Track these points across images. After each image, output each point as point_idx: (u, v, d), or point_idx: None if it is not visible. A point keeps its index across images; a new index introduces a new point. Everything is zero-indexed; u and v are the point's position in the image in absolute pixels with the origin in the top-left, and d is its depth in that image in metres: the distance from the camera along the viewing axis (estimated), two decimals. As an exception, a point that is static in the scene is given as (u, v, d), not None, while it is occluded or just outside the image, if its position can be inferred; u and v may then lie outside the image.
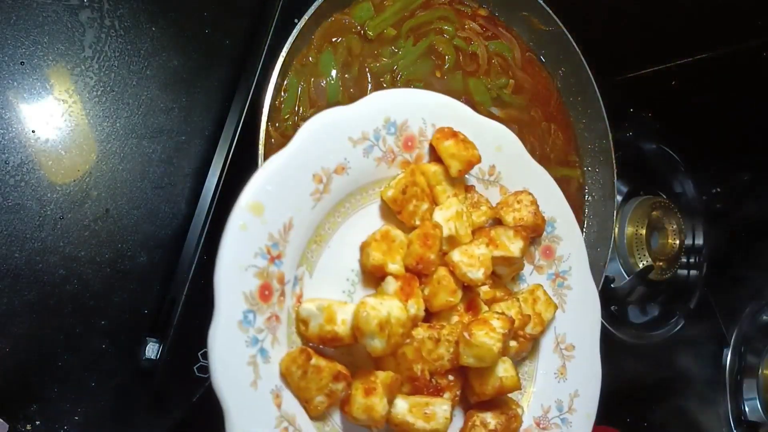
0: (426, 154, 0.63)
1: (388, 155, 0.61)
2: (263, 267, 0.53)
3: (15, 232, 0.72)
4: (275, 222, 0.54)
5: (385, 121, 0.60)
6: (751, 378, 1.37)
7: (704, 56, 1.21)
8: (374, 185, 0.62)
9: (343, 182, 0.58)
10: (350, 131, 0.58)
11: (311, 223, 0.57)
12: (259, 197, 0.53)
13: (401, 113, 0.61)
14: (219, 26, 0.88)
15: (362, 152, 0.59)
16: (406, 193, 0.61)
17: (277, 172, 0.55)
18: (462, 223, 0.62)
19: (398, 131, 0.61)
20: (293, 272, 0.56)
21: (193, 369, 0.80)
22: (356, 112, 0.58)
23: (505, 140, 0.68)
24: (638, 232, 1.22)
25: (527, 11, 0.95)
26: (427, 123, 0.62)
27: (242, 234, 0.52)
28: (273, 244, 0.54)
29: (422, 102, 0.63)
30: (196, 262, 0.78)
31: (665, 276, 1.25)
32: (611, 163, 0.97)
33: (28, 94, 0.75)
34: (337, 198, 0.58)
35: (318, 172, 0.57)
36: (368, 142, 0.59)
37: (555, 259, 0.71)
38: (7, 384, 0.71)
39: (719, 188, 1.43)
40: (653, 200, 1.25)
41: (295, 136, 0.56)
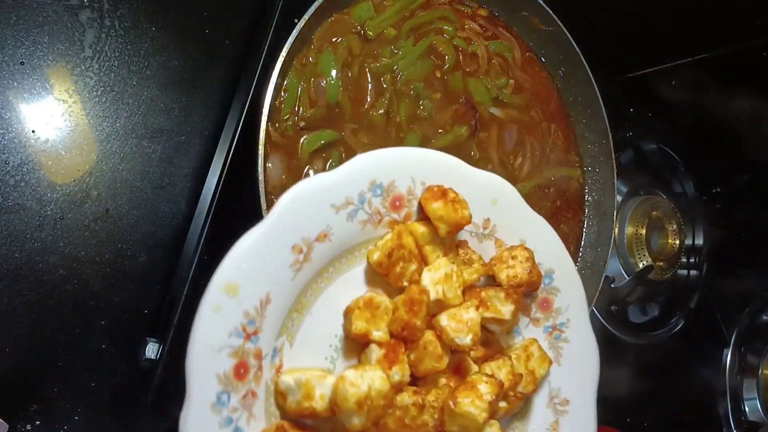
0: (415, 212, 0.60)
1: (374, 217, 0.59)
2: (238, 346, 0.52)
3: (15, 232, 0.72)
4: (251, 299, 0.52)
5: (371, 183, 0.58)
6: (751, 378, 1.37)
7: (704, 56, 1.21)
8: (360, 247, 0.60)
9: (326, 249, 0.56)
10: (333, 198, 0.56)
11: (291, 294, 0.55)
12: (234, 277, 0.52)
13: (388, 174, 0.59)
14: (219, 26, 0.88)
15: (346, 217, 0.57)
16: (392, 257, 0.59)
17: (252, 248, 0.53)
18: (451, 286, 0.60)
19: (385, 192, 0.59)
20: (272, 344, 0.55)
21: (193, 369, 0.80)
22: (338, 179, 0.56)
23: (500, 192, 0.65)
24: (638, 232, 1.22)
25: (527, 11, 0.95)
26: (416, 181, 0.60)
27: (215, 316, 0.51)
28: (249, 321, 0.52)
29: (410, 160, 0.60)
30: (196, 262, 0.78)
31: (665, 276, 1.25)
32: (611, 163, 0.97)
33: (28, 94, 0.75)
34: (319, 265, 0.57)
35: (298, 243, 0.55)
36: (352, 207, 0.57)
37: (552, 312, 0.68)
38: (7, 384, 0.71)
39: (719, 188, 1.43)
40: (653, 200, 1.25)
41: (272, 209, 0.54)
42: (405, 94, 0.83)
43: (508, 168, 0.92)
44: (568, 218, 0.97)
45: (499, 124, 0.92)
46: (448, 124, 0.86)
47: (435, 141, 0.84)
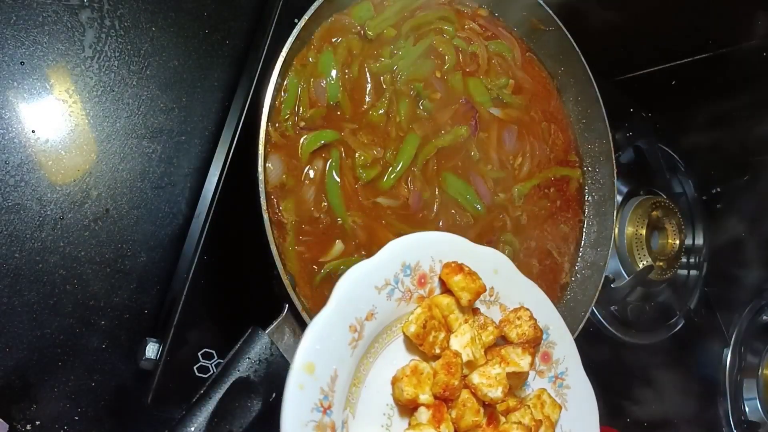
0: (437, 287, 0.71)
1: (407, 294, 0.68)
2: (319, 420, 0.59)
3: (15, 232, 0.72)
4: (324, 376, 0.60)
5: (402, 265, 0.68)
6: (751, 378, 1.37)
7: (704, 56, 1.21)
8: (396, 323, 0.69)
9: (373, 326, 0.65)
10: (375, 281, 0.66)
11: (350, 369, 0.63)
12: (311, 357, 0.59)
13: (414, 256, 0.69)
14: (219, 26, 0.88)
15: (386, 296, 0.66)
16: (426, 327, 0.68)
17: (322, 330, 0.61)
18: (476, 347, 0.70)
19: (413, 272, 0.69)
20: (341, 417, 0.62)
21: (193, 369, 0.80)
22: (378, 263, 0.66)
23: (500, 263, 0.75)
24: (638, 232, 1.22)
25: (527, 11, 0.95)
26: (435, 260, 0.70)
27: (300, 393, 0.58)
28: (324, 397, 0.60)
29: (430, 241, 0.71)
30: (196, 262, 0.78)
31: (665, 276, 1.25)
32: (611, 163, 0.97)
33: (28, 94, 0.75)
34: (368, 341, 0.65)
35: (353, 323, 0.63)
36: (390, 287, 0.67)
37: (552, 363, 0.78)
38: (7, 384, 0.71)
39: (719, 188, 1.43)
40: (653, 200, 1.25)
41: (332, 294, 0.62)
42: (405, 94, 0.83)
43: (507, 168, 0.92)
44: (568, 218, 0.97)
45: (499, 124, 0.92)
46: (448, 124, 0.86)
47: (435, 141, 0.84)
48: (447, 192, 0.85)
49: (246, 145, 0.78)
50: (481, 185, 0.88)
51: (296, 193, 0.75)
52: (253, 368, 0.67)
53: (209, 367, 0.80)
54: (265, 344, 0.68)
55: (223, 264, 0.83)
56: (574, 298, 0.94)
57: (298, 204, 0.75)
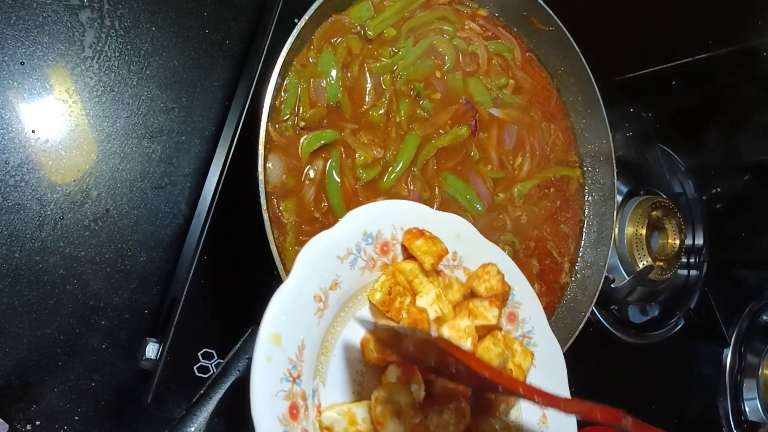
0: (399, 254, 0.71)
1: (369, 263, 0.69)
2: (288, 389, 0.60)
3: (15, 232, 0.73)
4: (291, 346, 0.61)
5: (363, 234, 0.68)
6: (751, 378, 1.37)
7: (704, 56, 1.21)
8: (361, 291, 0.69)
9: (337, 295, 0.66)
10: (337, 251, 0.66)
11: (318, 339, 0.64)
12: (276, 328, 0.60)
13: (375, 225, 0.69)
14: (219, 26, 0.88)
15: (349, 266, 0.67)
16: (392, 293, 0.69)
17: (286, 301, 0.61)
18: (443, 303, 0.71)
19: (374, 240, 0.69)
20: (311, 386, 0.63)
21: (193, 369, 0.80)
22: (340, 233, 0.66)
23: (461, 228, 0.76)
24: (638, 232, 1.22)
25: (527, 11, 0.95)
26: (396, 228, 0.71)
27: (268, 364, 0.58)
28: (292, 366, 0.61)
29: (390, 211, 0.71)
30: (196, 262, 0.78)
31: (665, 276, 1.25)
32: (611, 163, 0.97)
33: (28, 94, 0.75)
34: (334, 311, 0.66)
35: (318, 293, 0.64)
36: (353, 256, 0.67)
37: (519, 323, 0.79)
38: (7, 384, 0.71)
39: (719, 188, 1.43)
40: (653, 200, 1.25)
41: (294, 266, 0.63)
42: (405, 94, 0.83)
43: (507, 168, 0.92)
44: (568, 218, 0.97)
45: (498, 125, 0.92)
46: (448, 124, 0.86)
47: (435, 141, 0.84)
48: (447, 192, 0.85)
49: (246, 145, 0.78)
50: (481, 185, 0.88)
51: (296, 193, 0.75)
52: (253, 368, 0.67)
53: (209, 367, 0.80)
54: (265, 344, 0.68)
55: (223, 264, 0.83)
56: (574, 298, 0.94)
57: (298, 204, 0.75)
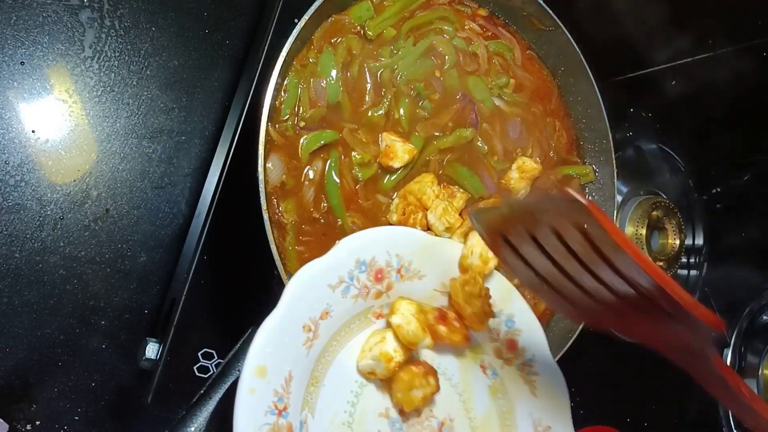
0: (395, 281, 0.70)
1: (363, 290, 0.67)
2: (273, 422, 0.59)
3: (15, 232, 0.73)
4: (278, 378, 0.60)
5: (356, 261, 0.67)
6: (751, 378, 1.36)
7: (704, 56, 1.21)
8: (354, 320, 0.68)
9: (329, 324, 0.65)
10: (329, 279, 0.65)
11: (306, 369, 0.63)
12: (262, 360, 0.59)
13: (368, 252, 0.68)
14: (219, 26, 0.88)
15: (341, 294, 0.65)
16: (406, 213, 0.73)
17: (273, 332, 0.60)
18: (450, 214, 0.76)
19: (368, 268, 0.68)
20: (298, 418, 0.62)
21: (193, 369, 0.80)
22: (331, 261, 0.65)
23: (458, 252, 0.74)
24: (638, 232, 1.21)
25: (527, 11, 0.95)
26: (392, 254, 0.70)
27: (251, 397, 0.57)
28: (278, 399, 0.59)
29: (383, 237, 0.70)
30: (196, 262, 0.78)
31: (665, 276, 1.25)
32: (611, 163, 0.97)
33: (28, 94, 0.75)
34: (324, 340, 0.65)
35: (307, 323, 0.63)
36: (345, 284, 0.66)
37: (519, 351, 0.77)
38: (7, 384, 0.71)
39: (719, 188, 1.43)
40: (653, 200, 1.25)
41: (283, 295, 0.61)
42: (405, 94, 0.83)
43: (512, 159, 0.91)
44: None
45: (501, 117, 0.91)
46: (449, 125, 0.86)
47: (437, 143, 0.84)
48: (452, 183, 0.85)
49: (246, 145, 0.78)
50: (487, 178, 0.88)
51: (296, 193, 0.75)
52: (253, 368, 0.67)
53: (209, 367, 0.80)
54: (265, 344, 0.68)
55: (223, 264, 0.83)
56: (574, 298, 0.94)
57: (298, 204, 0.75)
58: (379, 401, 0.69)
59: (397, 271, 0.70)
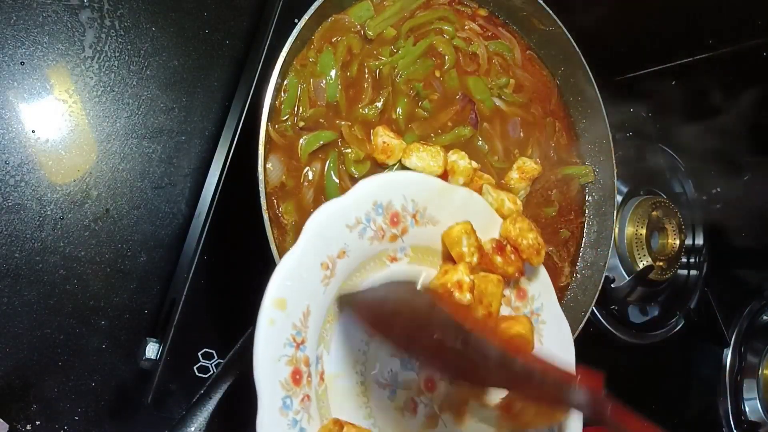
0: (410, 226, 0.71)
1: (379, 233, 0.68)
2: (292, 354, 0.60)
3: (15, 232, 0.73)
4: (296, 312, 0.61)
5: (374, 204, 0.68)
6: (751, 378, 1.37)
7: (704, 56, 1.21)
8: (369, 261, 0.69)
9: (345, 264, 0.65)
10: (346, 219, 0.65)
11: (323, 306, 0.63)
12: (282, 293, 0.59)
13: (385, 195, 0.69)
14: (219, 26, 0.88)
15: (358, 235, 0.66)
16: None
17: (292, 267, 0.61)
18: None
19: (384, 211, 0.69)
20: (315, 353, 0.63)
21: (193, 369, 0.80)
22: (349, 202, 0.66)
23: (471, 199, 0.76)
24: (638, 232, 1.22)
25: (527, 11, 0.95)
26: (408, 199, 0.71)
27: (271, 328, 0.58)
28: (297, 332, 0.60)
29: (401, 181, 0.71)
30: (196, 262, 0.78)
31: (665, 276, 1.25)
32: (611, 163, 0.97)
33: (28, 94, 0.75)
34: (341, 279, 0.66)
35: (325, 261, 0.63)
36: (362, 225, 0.67)
37: (528, 299, 0.79)
38: (7, 384, 0.71)
39: (719, 188, 1.43)
40: (653, 200, 1.25)
41: (302, 233, 0.62)
42: (404, 93, 0.83)
43: (512, 159, 0.91)
44: (571, 220, 0.97)
45: (501, 116, 0.92)
46: (448, 126, 0.86)
47: (435, 139, 0.84)
48: None
49: (246, 145, 0.78)
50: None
51: (296, 194, 0.75)
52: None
53: (209, 367, 0.80)
54: (265, 344, 0.68)
55: (223, 264, 0.83)
56: (574, 298, 0.94)
57: (298, 206, 0.75)
58: None
59: (412, 216, 0.71)
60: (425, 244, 0.72)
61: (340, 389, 0.65)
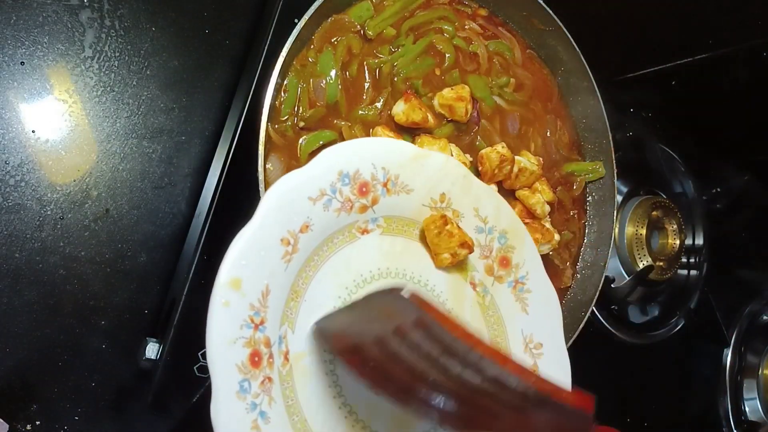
0: (381, 195, 0.67)
1: (346, 204, 0.65)
2: (249, 336, 0.57)
3: (15, 232, 0.72)
4: (254, 292, 0.57)
5: (339, 174, 0.64)
6: (751, 378, 1.37)
7: (704, 56, 1.21)
8: (338, 234, 0.65)
9: (309, 239, 0.62)
10: (309, 191, 0.62)
11: (286, 284, 0.60)
12: (236, 272, 0.56)
13: (352, 164, 0.65)
14: (219, 26, 0.88)
15: (322, 207, 0.63)
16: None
17: (248, 245, 0.57)
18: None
19: (351, 180, 0.65)
20: (277, 333, 0.60)
21: (193, 369, 0.80)
22: (311, 173, 0.62)
23: (449, 165, 0.72)
24: (638, 232, 1.22)
25: (527, 11, 0.95)
26: (377, 167, 0.67)
27: (226, 310, 0.56)
28: (255, 312, 0.57)
29: (369, 148, 0.67)
30: (196, 262, 0.78)
31: (665, 276, 1.25)
32: (611, 163, 0.97)
33: (28, 94, 0.75)
34: (305, 255, 0.62)
35: (285, 236, 0.60)
36: (326, 197, 0.63)
37: (512, 267, 0.76)
38: (7, 384, 0.71)
39: (719, 188, 1.43)
40: (653, 200, 1.25)
41: (259, 207, 0.59)
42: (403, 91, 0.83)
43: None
44: (573, 220, 0.97)
45: (501, 113, 0.91)
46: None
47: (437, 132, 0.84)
48: None
49: (246, 145, 0.78)
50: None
51: (296, 193, 0.75)
52: (252, 368, 0.66)
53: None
54: (265, 344, 0.68)
55: (223, 264, 0.83)
56: (574, 298, 0.94)
57: (298, 204, 0.75)
58: None
59: (383, 185, 0.67)
60: (399, 214, 0.69)
61: (306, 369, 0.62)
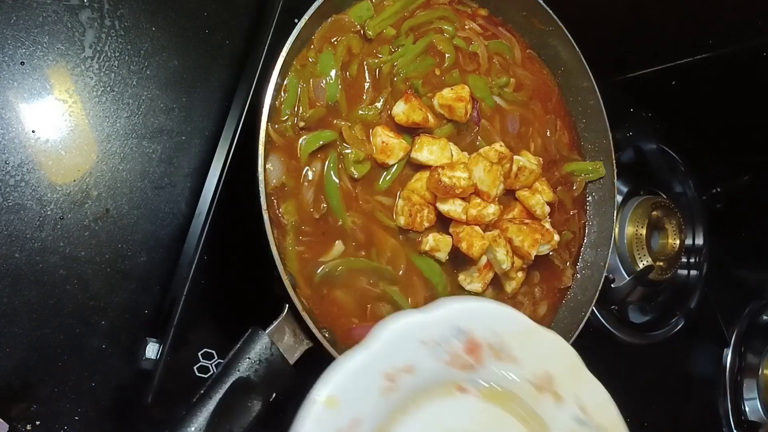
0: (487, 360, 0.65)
1: (454, 359, 0.64)
2: None
3: (15, 232, 0.72)
4: (346, 417, 0.56)
5: (455, 328, 0.64)
6: (751, 378, 1.37)
7: (704, 56, 1.21)
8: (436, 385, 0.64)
9: (410, 381, 0.61)
10: (423, 335, 0.62)
11: (376, 420, 0.59)
12: (337, 393, 0.56)
13: (470, 323, 0.65)
14: (219, 26, 0.88)
15: (430, 354, 0.62)
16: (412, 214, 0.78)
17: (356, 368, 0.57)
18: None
19: (465, 338, 0.64)
20: None
21: (193, 369, 0.80)
22: (431, 318, 0.62)
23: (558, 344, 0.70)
24: (638, 232, 1.22)
25: (527, 11, 0.95)
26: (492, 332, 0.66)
27: (315, 425, 0.55)
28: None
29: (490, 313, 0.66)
30: (196, 262, 0.78)
31: (665, 276, 1.25)
32: (611, 163, 0.97)
33: (28, 94, 0.75)
34: (402, 396, 0.61)
35: (390, 371, 0.59)
36: (437, 346, 0.63)
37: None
38: (7, 384, 0.71)
39: (719, 188, 1.43)
40: (653, 200, 1.25)
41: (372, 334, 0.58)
42: (403, 92, 0.83)
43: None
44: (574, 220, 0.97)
45: (501, 113, 0.92)
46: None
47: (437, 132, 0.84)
48: None
49: (246, 145, 0.77)
50: None
51: (296, 195, 0.75)
52: (253, 368, 0.67)
53: (209, 367, 0.80)
54: (265, 344, 0.68)
55: (223, 264, 0.83)
56: (574, 298, 0.94)
57: (298, 206, 0.75)
58: None
59: (493, 350, 0.65)
60: (500, 383, 0.66)
61: None
